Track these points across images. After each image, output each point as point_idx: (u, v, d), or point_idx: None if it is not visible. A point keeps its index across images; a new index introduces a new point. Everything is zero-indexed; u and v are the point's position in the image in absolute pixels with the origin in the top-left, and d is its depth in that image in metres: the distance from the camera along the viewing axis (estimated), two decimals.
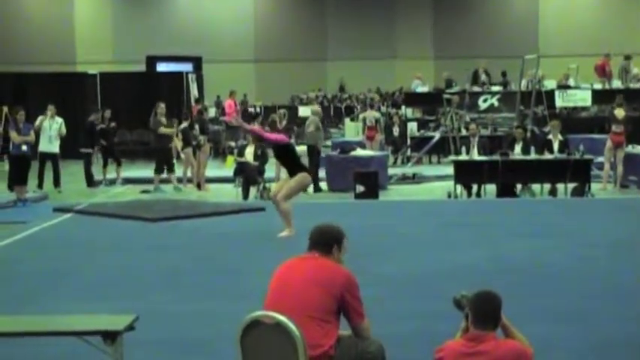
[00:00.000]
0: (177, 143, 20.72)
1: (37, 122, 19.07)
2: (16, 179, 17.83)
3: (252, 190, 18.31)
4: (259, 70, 42.03)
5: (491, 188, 18.28)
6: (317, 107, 22.37)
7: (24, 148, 17.92)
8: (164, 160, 19.90)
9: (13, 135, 18.02)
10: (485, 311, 4.58)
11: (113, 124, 21.80)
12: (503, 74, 29.60)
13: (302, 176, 12.83)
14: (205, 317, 8.38)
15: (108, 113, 21.67)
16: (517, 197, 18.12)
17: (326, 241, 5.40)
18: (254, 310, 5.10)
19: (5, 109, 21.40)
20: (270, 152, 19.97)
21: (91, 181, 20.87)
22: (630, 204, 17.19)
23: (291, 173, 12.80)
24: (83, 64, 38.65)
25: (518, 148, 18.50)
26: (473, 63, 29.62)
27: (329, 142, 26.01)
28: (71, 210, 16.09)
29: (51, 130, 19.45)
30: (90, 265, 11.19)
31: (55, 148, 19.63)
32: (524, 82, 26.01)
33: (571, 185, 18.24)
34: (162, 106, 20.36)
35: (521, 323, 5.03)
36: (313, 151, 19.61)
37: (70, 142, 20.91)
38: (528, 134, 20.79)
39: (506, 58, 32.91)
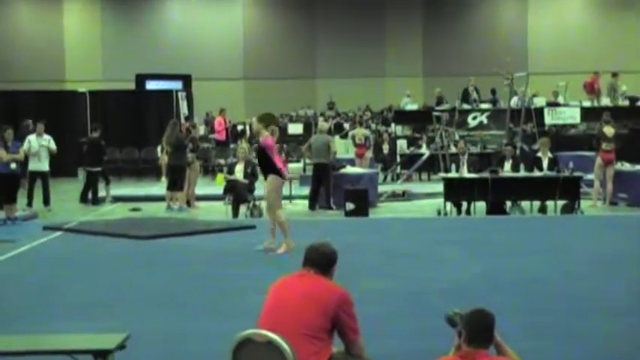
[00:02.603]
0: (164, 159, 20.68)
1: (26, 144, 18.99)
2: (6, 198, 17.75)
3: (242, 208, 18.29)
4: (248, 88, 42.07)
5: (480, 206, 18.31)
6: (325, 124, 22.16)
7: (13, 166, 17.86)
8: (179, 178, 19.63)
9: (2, 153, 17.93)
10: (478, 329, 4.59)
11: (102, 142, 21.77)
12: (493, 92, 29.73)
13: (272, 178, 12.93)
14: (197, 335, 8.36)
15: (99, 132, 21.65)
16: (507, 215, 18.16)
17: (323, 260, 5.42)
18: (246, 328, 5.10)
19: None
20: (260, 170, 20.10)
21: (96, 199, 20.79)
22: (620, 221, 17.24)
23: (266, 176, 12.96)
24: (73, 82, 38.65)
25: (507, 165, 18.56)
26: (462, 81, 29.74)
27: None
28: (61, 228, 16.04)
29: (40, 148, 19.41)
30: (80, 284, 11.14)
31: (44, 166, 19.58)
32: (514, 100, 26.09)
33: (561, 202, 18.29)
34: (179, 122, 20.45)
35: (511, 340, 5.03)
36: (322, 169, 19.36)
37: (59, 160, 20.88)
38: (518, 152, 20.86)
39: (495, 76, 33.04)
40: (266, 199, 13.07)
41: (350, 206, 18.00)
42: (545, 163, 18.46)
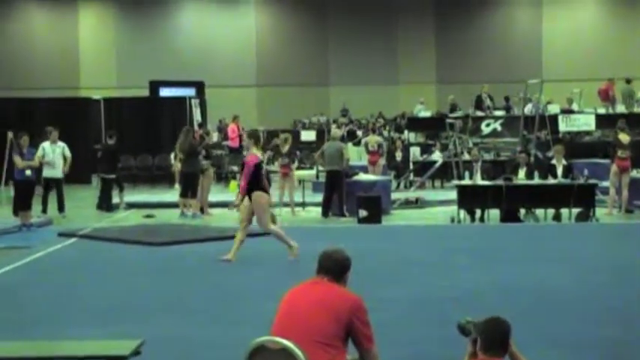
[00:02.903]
0: (177, 166, 20.73)
1: (40, 151, 19.04)
2: (21, 204, 17.82)
3: None
4: (261, 95, 42.13)
5: (494, 213, 18.27)
6: (338, 131, 22.11)
7: (28, 173, 17.92)
8: (191, 185, 19.66)
9: (17, 160, 18.02)
10: (494, 337, 4.58)
11: (117, 149, 21.83)
12: (507, 99, 29.68)
13: (257, 195, 12.90)
14: (211, 342, 8.37)
15: (114, 138, 21.70)
16: (521, 222, 18.10)
17: (337, 268, 5.42)
18: (259, 335, 5.11)
19: (10, 134, 21.42)
20: (274, 177, 20.14)
21: (110, 206, 20.83)
22: (635, 229, 17.18)
23: (249, 191, 12.87)
24: (87, 89, 38.77)
25: (521, 172, 18.51)
26: (476, 88, 29.69)
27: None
28: (76, 235, 16.10)
29: (54, 154, 19.47)
30: (94, 290, 11.18)
31: (58, 173, 19.64)
32: (528, 107, 26.05)
33: (575, 210, 18.23)
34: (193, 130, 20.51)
35: (525, 348, 5.02)
36: (335, 176, 19.30)
37: (74, 166, 20.92)
38: (532, 159, 20.81)
39: (509, 83, 33.01)
40: (257, 218, 13.09)
41: (363, 213, 17.99)
42: (559, 171, 18.41)
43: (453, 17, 41.60)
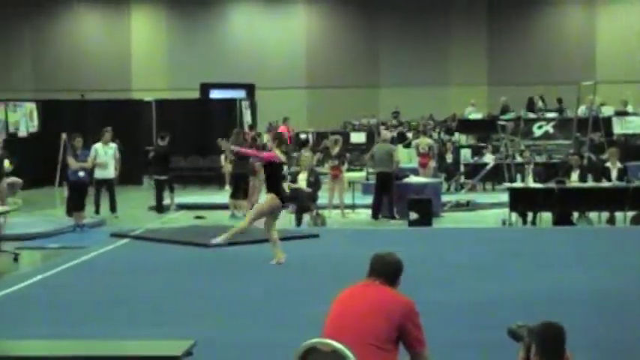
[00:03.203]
0: (227, 168, 20.81)
1: (92, 152, 19.23)
2: (74, 205, 18.03)
3: (306, 217, 18.33)
4: (311, 97, 42.13)
5: (547, 216, 18.10)
6: (388, 133, 22.06)
7: (81, 174, 18.13)
8: (242, 186, 19.75)
9: (71, 161, 18.24)
10: (550, 343, 4.51)
11: (169, 151, 22.00)
12: (559, 101, 29.40)
13: (271, 197, 12.96)
14: (261, 344, 8.39)
15: (167, 140, 21.84)
16: (574, 226, 17.91)
17: (389, 271, 5.41)
18: (309, 337, 5.10)
19: (64, 135, 21.68)
20: (324, 179, 20.15)
21: (161, 208, 20.98)
22: None
23: (268, 191, 13.11)
24: (139, 91, 39.11)
25: (574, 175, 18.30)
26: (527, 89, 29.48)
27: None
28: (128, 235, 16.25)
29: (106, 155, 19.68)
30: (146, 291, 11.27)
31: (110, 173, 19.84)
32: (581, 109, 25.78)
33: (630, 213, 17.97)
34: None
35: (580, 356, 4.95)
36: (385, 178, 19.22)
37: (125, 168, 21.12)
38: (585, 161, 20.58)
39: (562, 85, 32.69)
40: (255, 208, 13.37)
41: (413, 216, 17.93)
42: (614, 173, 18.18)
43: (505, 17, 41.25)
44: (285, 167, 13.34)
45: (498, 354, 6.07)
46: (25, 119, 27.55)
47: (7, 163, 19.10)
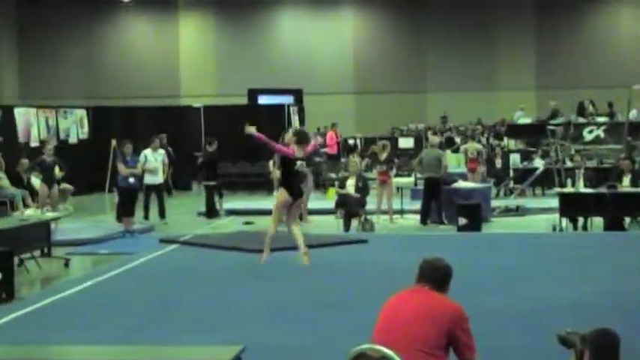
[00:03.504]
0: (276, 174, 20.86)
1: (142, 158, 19.38)
2: (124, 211, 18.19)
3: (354, 222, 18.31)
4: (359, 102, 42.12)
5: (598, 221, 17.91)
6: (436, 138, 21.96)
7: (131, 180, 18.27)
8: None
9: (121, 167, 18.40)
10: (604, 351, 4.44)
11: (217, 156, 22.13)
12: (610, 105, 29.06)
13: (281, 192, 13.28)
14: (309, 350, 8.39)
15: (215, 145, 21.96)
16: (625, 231, 17.70)
17: (439, 276, 5.39)
18: (359, 343, 5.09)
19: (113, 142, 21.90)
20: (372, 184, 20.12)
21: (211, 213, 21.08)
22: None
23: (280, 185, 13.56)
24: (187, 97, 39.38)
25: (626, 180, 18.08)
26: (577, 93, 29.19)
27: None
28: (176, 241, 16.35)
29: (156, 162, 19.84)
30: (195, 296, 11.32)
31: (159, 179, 20.00)
32: (632, 113, 25.46)
33: None
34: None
35: None
36: (433, 184, 19.16)
37: (174, 174, 21.26)
38: (637, 166, 20.32)
39: (612, 88, 32.33)
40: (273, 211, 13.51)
41: (462, 221, 17.82)
42: None
43: (553, 20, 40.89)
44: (299, 163, 13.30)
45: None
46: (75, 126, 27.88)
47: (57, 169, 19.31)
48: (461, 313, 5.25)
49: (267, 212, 20.85)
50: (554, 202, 18.95)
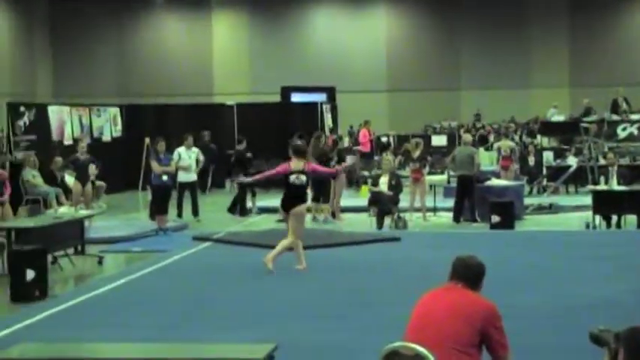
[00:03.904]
0: None
1: (175, 156, 19.45)
2: (157, 209, 18.26)
3: (387, 220, 18.29)
4: (392, 100, 42.09)
5: (631, 219, 17.78)
6: (469, 136, 21.86)
7: (164, 178, 18.32)
8: (323, 190, 19.82)
9: (154, 165, 18.46)
10: None
11: (249, 154, 22.17)
12: None
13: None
14: (342, 348, 8.40)
15: (244, 143, 22.03)
16: None
17: (472, 274, 5.38)
18: (390, 341, 5.10)
19: (147, 140, 21.99)
20: (405, 182, 20.09)
21: (244, 211, 21.13)
22: None
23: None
24: (220, 95, 39.50)
25: None
26: (611, 91, 28.92)
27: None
28: (210, 239, 16.41)
29: (190, 159, 19.91)
30: (228, 294, 11.37)
31: (192, 177, 20.07)
32: None
33: None
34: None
35: None
36: (466, 181, 19.04)
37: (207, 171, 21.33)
38: None
39: None
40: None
41: (495, 219, 17.76)
42: None
43: (587, 18, 40.63)
44: (294, 176, 13.16)
45: (583, 358, 5.98)
46: (108, 124, 28.03)
47: (91, 167, 19.43)
48: (494, 311, 5.24)
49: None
50: (588, 200, 18.84)
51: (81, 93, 37.34)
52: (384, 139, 35.02)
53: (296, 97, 32.75)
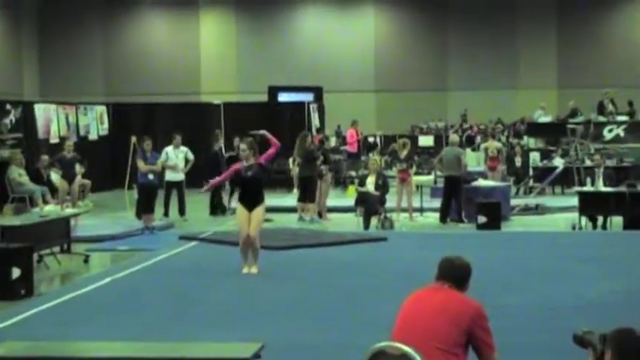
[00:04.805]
0: (295, 171, 20.89)
1: (163, 155, 19.42)
2: (144, 207, 18.22)
3: (374, 220, 18.29)
4: (379, 100, 42.09)
5: (617, 220, 17.83)
6: (456, 137, 21.88)
7: (151, 177, 18.28)
8: (309, 189, 19.82)
9: (140, 164, 18.40)
10: (629, 351, 4.37)
11: (229, 154, 22.15)
12: (630, 104, 28.93)
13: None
14: (329, 347, 8.40)
15: (237, 141, 21.97)
16: None
17: (458, 274, 5.39)
18: (378, 340, 5.09)
19: (134, 138, 21.95)
20: (392, 182, 20.11)
21: (217, 210, 21.07)
22: None
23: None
24: (208, 94, 39.44)
25: None
26: (598, 92, 29.02)
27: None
28: (196, 238, 16.37)
29: (177, 159, 19.87)
30: (214, 293, 11.35)
31: (180, 176, 20.02)
32: None
33: None
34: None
35: None
36: (453, 182, 19.08)
37: (194, 171, 21.28)
38: None
39: (632, 87, 32.16)
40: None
41: (482, 219, 17.80)
42: None
43: (574, 20, 40.73)
44: (246, 173, 13.17)
45: (568, 358, 5.99)
46: (95, 122, 27.95)
47: (77, 166, 19.38)
48: (480, 311, 5.25)
49: (287, 209, 21.02)
50: (574, 201, 18.90)
51: (67, 92, 37.17)
52: (371, 140, 35.04)
53: (283, 97, 32.72)
